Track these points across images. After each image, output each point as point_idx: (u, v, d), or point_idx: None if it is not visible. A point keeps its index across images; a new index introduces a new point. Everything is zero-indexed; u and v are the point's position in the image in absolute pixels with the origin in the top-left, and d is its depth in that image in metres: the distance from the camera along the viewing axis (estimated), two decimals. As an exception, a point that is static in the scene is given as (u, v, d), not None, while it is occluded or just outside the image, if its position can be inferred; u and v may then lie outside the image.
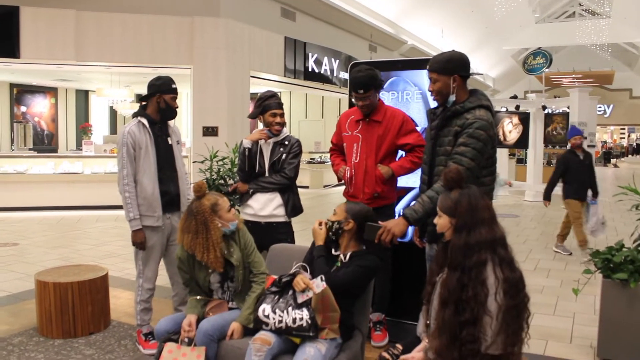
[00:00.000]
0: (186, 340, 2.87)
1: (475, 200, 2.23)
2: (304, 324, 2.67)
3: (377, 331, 3.86)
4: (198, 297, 3.11)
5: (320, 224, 3.01)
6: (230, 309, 3.10)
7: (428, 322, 2.31)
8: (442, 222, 2.30)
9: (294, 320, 2.69)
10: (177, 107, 3.81)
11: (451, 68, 2.94)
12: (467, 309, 2.07)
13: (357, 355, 2.90)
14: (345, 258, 2.92)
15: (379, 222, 2.99)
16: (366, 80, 3.60)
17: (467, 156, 2.84)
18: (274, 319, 2.73)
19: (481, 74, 26.33)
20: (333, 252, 2.99)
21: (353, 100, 3.79)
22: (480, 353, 2.07)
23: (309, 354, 2.60)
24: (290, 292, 2.79)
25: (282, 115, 3.90)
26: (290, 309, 2.72)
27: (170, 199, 3.76)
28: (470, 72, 3.04)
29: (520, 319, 2.14)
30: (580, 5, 25.79)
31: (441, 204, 2.30)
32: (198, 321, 2.97)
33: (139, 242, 3.67)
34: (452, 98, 2.97)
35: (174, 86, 3.75)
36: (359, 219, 2.96)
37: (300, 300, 2.72)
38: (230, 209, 3.07)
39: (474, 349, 2.06)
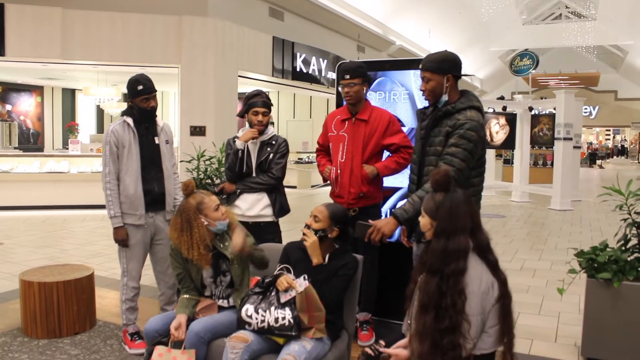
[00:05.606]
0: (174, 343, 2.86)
1: (457, 207, 2.19)
2: (286, 323, 2.67)
3: (364, 331, 3.87)
4: (189, 297, 3.09)
5: (306, 233, 2.92)
6: (220, 307, 3.08)
7: (409, 321, 2.32)
8: (423, 221, 2.29)
9: (276, 319, 2.68)
10: (152, 106, 3.69)
11: (445, 68, 2.94)
12: (446, 316, 2.08)
13: (344, 354, 2.91)
14: (325, 260, 2.91)
15: (369, 221, 3.00)
16: (352, 66, 3.70)
17: (458, 157, 2.84)
18: (256, 319, 2.72)
19: (472, 75, 26.45)
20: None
21: (340, 89, 3.79)
22: (462, 358, 2.08)
23: (293, 350, 2.61)
24: (274, 292, 2.78)
25: (264, 113, 3.85)
26: (272, 308, 2.71)
27: (153, 198, 3.73)
28: (462, 73, 3.05)
29: (511, 316, 2.18)
30: (567, 7, 26.04)
31: (425, 204, 2.29)
32: (188, 321, 2.94)
33: (121, 239, 3.67)
34: (445, 98, 2.96)
35: (139, 88, 3.63)
36: (340, 224, 2.96)
37: (283, 299, 2.71)
38: (217, 207, 3.05)
39: (455, 356, 2.07)
